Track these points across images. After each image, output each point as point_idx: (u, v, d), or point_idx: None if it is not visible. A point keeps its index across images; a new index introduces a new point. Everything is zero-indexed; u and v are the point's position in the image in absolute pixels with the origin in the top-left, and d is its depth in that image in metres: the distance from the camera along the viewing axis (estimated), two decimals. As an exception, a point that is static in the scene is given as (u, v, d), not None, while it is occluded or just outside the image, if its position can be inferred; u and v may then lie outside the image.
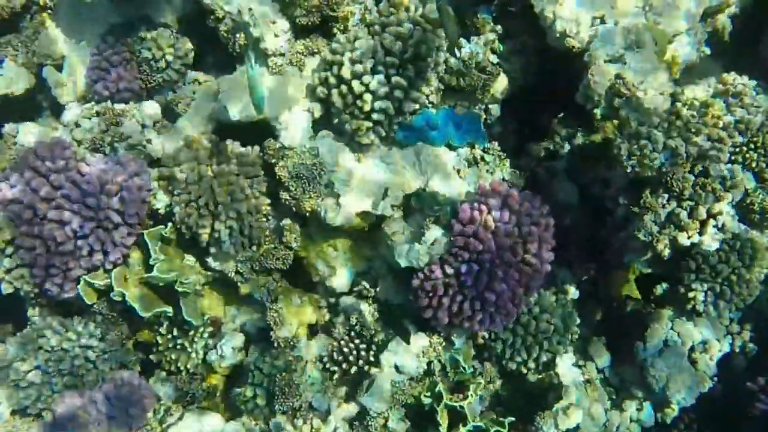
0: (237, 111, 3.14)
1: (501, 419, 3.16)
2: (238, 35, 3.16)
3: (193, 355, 3.44)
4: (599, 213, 3.41)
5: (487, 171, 3.20)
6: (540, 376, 3.51)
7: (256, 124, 3.20)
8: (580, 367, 3.54)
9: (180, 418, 3.22)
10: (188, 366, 3.44)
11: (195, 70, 3.45)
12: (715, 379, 3.67)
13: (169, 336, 3.40)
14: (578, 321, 3.52)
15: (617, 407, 3.73)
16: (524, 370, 3.45)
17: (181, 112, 3.34)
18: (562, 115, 3.53)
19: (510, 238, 2.90)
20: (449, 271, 2.93)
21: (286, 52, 3.17)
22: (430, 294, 2.97)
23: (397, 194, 3.15)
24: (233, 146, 3.17)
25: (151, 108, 3.32)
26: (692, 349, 3.66)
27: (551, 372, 3.47)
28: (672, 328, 3.66)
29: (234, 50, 3.21)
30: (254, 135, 3.24)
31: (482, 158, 3.22)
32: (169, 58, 3.27)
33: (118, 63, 3.28)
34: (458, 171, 3.17)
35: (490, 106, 3.39)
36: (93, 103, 3.33)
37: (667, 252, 2.95)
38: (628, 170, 2.74)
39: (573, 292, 3.54)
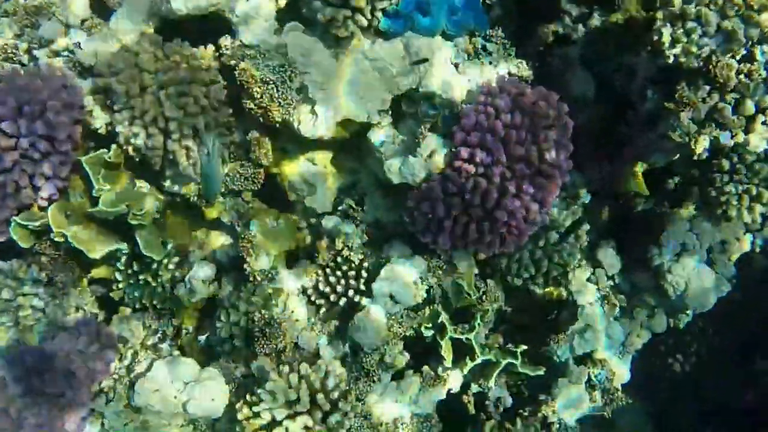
0: (182, 2, 2.53)
1: (512, 348, 2.82)
2: None
3: (159, 289, 3.02)
4: (618, 106, 2.94)
5: (491, 64, 2.67)
6: (547, 290, 3.15)
7: (207, 18, 2.62)
8: (594, 280, 3.18)
9: (149, 368, 2.82)
10: (154, 302, 3.02)
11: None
12: (734, 281, 3.36)
13: (129, 271, 2.96)
14: (589, 228, 3.14)
15: (627, 315, 3.43)
16: (532, 287, 3.10)
17: (113, 6, 2.72)
18: (573, -10, 2.97)
19: (523, 145, 2.43)
20: (452, 188, 2.47)
21: None
22: (430, 216, 2.53)
23: (384, 96, 2.63)
24: (181, 47, 2.59)
25: (76, 2, 2.68)
26: (710, 249, 3.33)
27: (561, 288, 3.12)
28: (690, 230, 3.30)
29: (172, -76, 2.56)
30: (206, 31, 2.66)
31: (484, 48, 2.69)
32: (89, -63, 2.60)
33: (26, -56, 2.61)
34: (457, 66, 2.64)
35: (488, -17, 2.81)
36: (0, -2, 2.69)
37: (705, 155, 2.51)
38: (670, 60, 2.24)
39: (584, 196, 3.13)
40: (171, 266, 3.02)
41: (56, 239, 2.61)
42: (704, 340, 3.68)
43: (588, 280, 3.13)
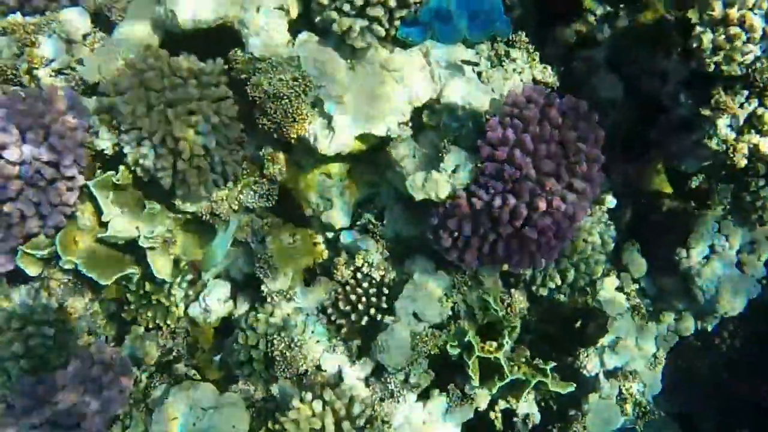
0: (188, 15, 2.40)
1: (541, 365, 2.71)
2: None
3: (173, 309, 2.92)
4: (646, 109, 2.81)
5: (515, 71, 2.54)
6: (574, 299, 3.05)
7: (215, 30, 2.48)
8: (623, 290, 3.07)
9: (166, 394, 2.72)
10: (168, 322, 2.92)
11: (127, -40, 2.65)
12: (764, 282, 3.25)
13: (141, 292, 2.86)
14: (615, 234, 3.03)
15: (654, 318, 3.32)
16: (558, 296, 2.99)
17: (116, 19, 2.58)
18: (597, -12, 2.83)
19: (553, 160, 2.30)
20: (478, 205, 2.35)
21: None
22: (455, 234, 2.42)
23: (403, 109, 2.50)
24: (189, 61, 2.46)
25: (77, 17, 2.55)
26: (738, 250, 3.22)
27: (589, 297, 3.01)
28: (718, 231, 3.19)
29: (175, -70, 2.42)
30: (215, 44, 2.53)
31: (507, 54, 2.55)
32: (90, -53, 2.46)
33: (22, -42, 2.47)
34: (479, 74, 2.51)
35: (509, -18, 2.66)
36: (-4, 16, 2.55)
37: (743, 163, 2.38)
38: (711, 68, 2.10)
39: (610, 201, 3.02)
40: (184, 285, 2.93)
41: (65, 267, 2.50)
42: (733, 342, 3.57)
43: (616, 288, 3.01)
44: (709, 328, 3.43)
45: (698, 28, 2.09)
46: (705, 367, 3.60)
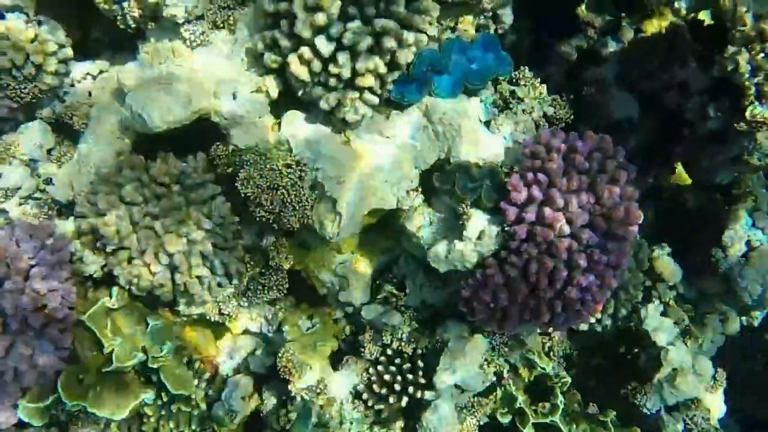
0: (159, 117, 2.14)
1: (600, 417, 2.51)
2: (126, 3, 2.10)
3: (195, 412, 2.71)
4: (665, 123, 2.59)
5: (524, 111, 2.30)
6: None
7: (192, 124, 2.24)
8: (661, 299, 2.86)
9: None
10: (193, 427, 2.71)
11: (80, 60, 2.39)
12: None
13: (159, 403, 2.64)
14: (650, 253, 2.82)
15: (699, 323, 3.11)
16: (600, 329, 2.79)
17: (80, 127, 2.32)
18: (593, -3, 2.60)
19: (586, 210, 2.08)
20: (512, 272, 2.12)
21: (204, 13, 2.13)
22: (491, 305, 2.19)
23: (410, 175, 2.27)
24: (169, 164, 2.22)
25: (36, 134, 2.30)
26: (778, 241, 3.01)
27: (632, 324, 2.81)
28: (754, 226, 2.98)
29: (126, 25, 2.17)
30: (193, 137, 2.28)
31: (512, 94, 2.31)
32: (38, 58, 2.18)
33: (-35, 83, 2.21)
34: (488, 123, 2.27)
35: (499, 11, 2.42)
36: (-51, 150, 2.28)
37: (791, 174, 2.17)
38: (752, 90, 1.88)
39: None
40: (203, 385, 2.71)
41: (72, 410, 2.28)
42: (783, 334, 3.38)
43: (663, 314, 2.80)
44: (756, 323, 3.24)
45: (731, 48, 1.86)
46: (759, 364, 3.42)
